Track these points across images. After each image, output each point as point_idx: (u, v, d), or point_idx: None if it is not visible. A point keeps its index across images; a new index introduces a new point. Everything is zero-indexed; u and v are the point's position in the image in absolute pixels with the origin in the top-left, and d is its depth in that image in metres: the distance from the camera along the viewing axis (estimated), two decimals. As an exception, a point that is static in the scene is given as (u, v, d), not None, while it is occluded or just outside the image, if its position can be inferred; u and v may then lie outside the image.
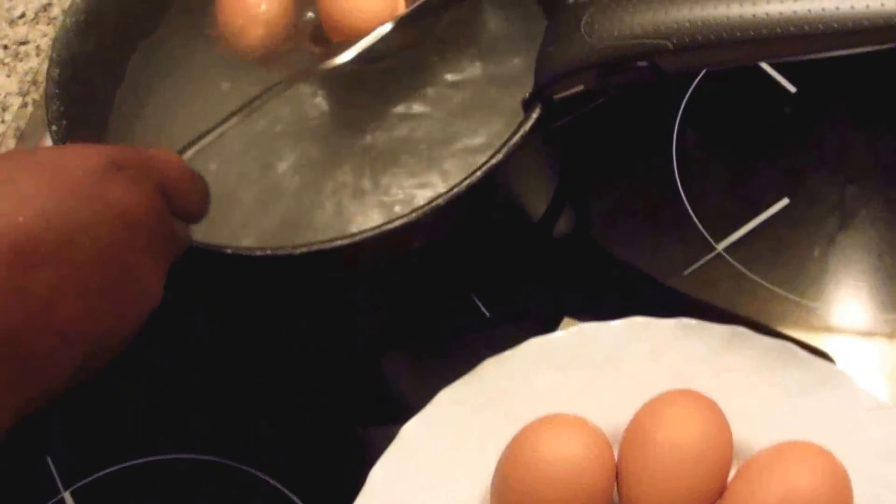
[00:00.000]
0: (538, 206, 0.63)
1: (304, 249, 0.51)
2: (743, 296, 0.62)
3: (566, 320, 0.63)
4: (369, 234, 0.51)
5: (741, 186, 0.66)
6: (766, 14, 0.45)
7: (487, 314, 0.64)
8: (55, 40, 0.62)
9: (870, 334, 0.60)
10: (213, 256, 0.52)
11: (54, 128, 0.58)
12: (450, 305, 0.64)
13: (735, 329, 0.56)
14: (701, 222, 0.64)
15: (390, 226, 0.51)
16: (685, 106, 0.69)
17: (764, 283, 0.62)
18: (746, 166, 0.67)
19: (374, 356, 0.65)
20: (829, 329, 0.60)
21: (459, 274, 0.63)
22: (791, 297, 0.61)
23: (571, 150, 0.66)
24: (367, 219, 0.61)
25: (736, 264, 0.63)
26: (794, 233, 0.64)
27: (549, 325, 0.63)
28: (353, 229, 0.57)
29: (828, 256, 0.62)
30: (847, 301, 0.61)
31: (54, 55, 0.61)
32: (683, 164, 0.67)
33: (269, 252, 0.51)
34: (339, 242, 0.51)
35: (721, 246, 0.63)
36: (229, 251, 0.52)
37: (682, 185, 0.66)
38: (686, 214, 0.65)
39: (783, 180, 0.66)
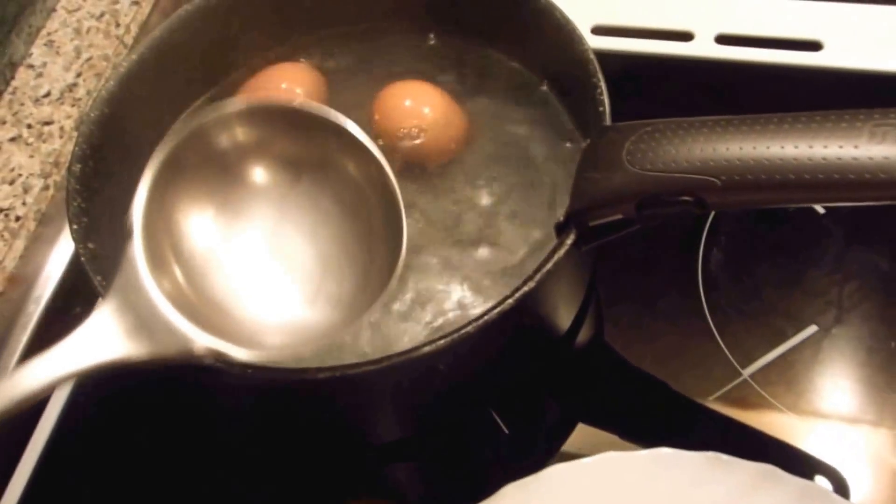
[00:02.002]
0: (563, 322, 0.62)
1: (328, 374, 0.48)
2: (769, 423, 0.60)
3: (580, 426, 0.62)
4: (396, 360, 0.48)
5: (768, 311, 0.64)
6: (824, 158, 0.43)
7: (507, 431, 0.62)
8: (78, 134, 0.59)
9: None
10: (230, 376, 0.50)
11: (75, 226, 0.56)
12: (468, 422, 0.63)
13: (765, 468, 0.54)
14: (727, 347, 0.63)
15: (417, 353, 0.49)
16: (710, 225, 0.67)
17: (788, 411, 0.60)
18: (775, 289, 0.65)
19: (383, 466, 0.64)
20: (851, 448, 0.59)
21: (480, 390, 0.61)
22: (818, 427, 0.60)
23: (598, 270, 0.65)
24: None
25: (762, 392, 0.61)
26: (823, 361, 0.62)
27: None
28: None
29: (858, 384, 0.61)
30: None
31: (77, 149, 0.58)
32: (709, 286, 0.65)
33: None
34: (365, 368, 0.48)
35: (748, 371, 0.62)
36: (249, 370, 0.49)
37: (708, 308, 0.64)
38: (713, 338, 0.63)
39: (813, 305, 0.64)
